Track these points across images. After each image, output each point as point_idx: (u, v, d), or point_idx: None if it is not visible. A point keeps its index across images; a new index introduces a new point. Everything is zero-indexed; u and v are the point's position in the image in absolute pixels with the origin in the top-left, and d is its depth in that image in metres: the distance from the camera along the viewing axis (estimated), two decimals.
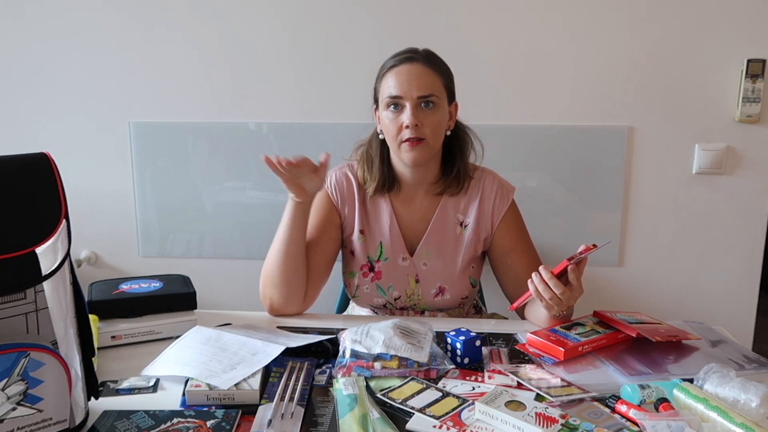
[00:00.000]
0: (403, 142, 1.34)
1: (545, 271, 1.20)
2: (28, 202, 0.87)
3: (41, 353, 0.85)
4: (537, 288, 1.20)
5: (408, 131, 1.33)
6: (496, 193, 1.46)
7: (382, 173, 1.44)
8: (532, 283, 1.21)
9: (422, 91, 1.33)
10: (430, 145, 1.36)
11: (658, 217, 2.08)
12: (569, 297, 1.20)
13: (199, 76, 2.07)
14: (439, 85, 1.36)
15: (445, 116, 1.38)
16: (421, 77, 1.34)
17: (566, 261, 1.19)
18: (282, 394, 1.03)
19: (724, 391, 0.97)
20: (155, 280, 1.35)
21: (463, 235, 1.47)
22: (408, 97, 1.33)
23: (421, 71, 1.34)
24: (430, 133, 1.35)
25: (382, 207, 1.47)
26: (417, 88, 1.33)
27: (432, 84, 1.34)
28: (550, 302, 1.20)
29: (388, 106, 1.35)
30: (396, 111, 1.35)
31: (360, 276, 1.48)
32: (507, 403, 0.95)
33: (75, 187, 1.64)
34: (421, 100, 1.33)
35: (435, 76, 1.35)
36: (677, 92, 1.99)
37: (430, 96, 1.33)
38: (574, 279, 1.19)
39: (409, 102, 1.33)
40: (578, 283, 1.20)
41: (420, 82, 1.33)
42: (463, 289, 1.48)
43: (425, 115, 1.34)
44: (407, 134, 1.33)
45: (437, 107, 1.35)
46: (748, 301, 2.12)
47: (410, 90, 1.33)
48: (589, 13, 1.96)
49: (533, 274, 1.22)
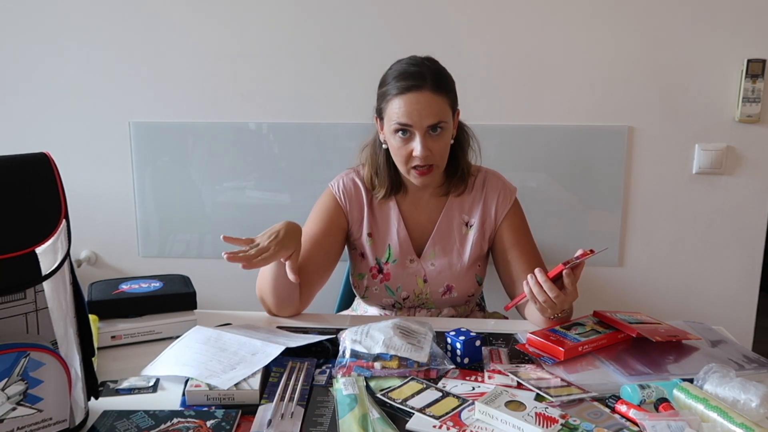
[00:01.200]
0: (412, 168, 1.36)
1: (540, 273, 1.21)
2: (28, 202, 0.87)
3: (41, 353, 0.85)
4: (531, 290, 1.21)
5: (417, 160, 1.34)
6: (499, 192, 1.48)
7: (390, 178, 1.45)
8: (526, 284, 1.22)
9: (432, 120, 1.32)
10: (439, 168, 1.39)
11: (658, 217, 2.08)
12: (563, 301, 1.20)
13: (199, 76, 2.07)
14: (446, 109, 1.35)
15: (450, 134, 1.40)
16: (430, 106, 1.32)
17: (562, 265, 1.19)
18: (282, 394, 1.03)
19: (724, 391, 0.97)
20: (155, 280, 1.35)
21: (469, 235, 1.48)
22: (417, 126, 1.32)
23: (429, 100, 1.32)
24: (439, 157, 1.37)
25: (390, 210, 1.49)
26: (427, 118, 1.32)
27: (440, 111, 1.33)
28: (544, 305, 1.21)
29: (396, 132, 1.35)
30: (404, 137, 1.34)
31: (369, 277, 1.50)
32: (507, 403, 0.95)
33: (75, 187, 1.65)
34: (430, 127, 1.33)
35: (442, 102, 1.34)
36: (677, 92, 1.99)
37: (439, 123, 1.33)
38: (569, 283, 1.20)
39: (419, 131, 1.32)
40: (573, 287, 1.20)
41: (429, 111, 1.32)
42: (470, 287, 1.49)
43: (434, 141, 1.34)
44: (417, 162, 1.34)
45: (445, 130, 1.36)
46: (748, 302, 2.12)
47: (420, 120, 1.32)
48: (589, 13, 1.96)
49: (528, 276, 1.22)
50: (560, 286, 1.20)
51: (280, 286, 1.34)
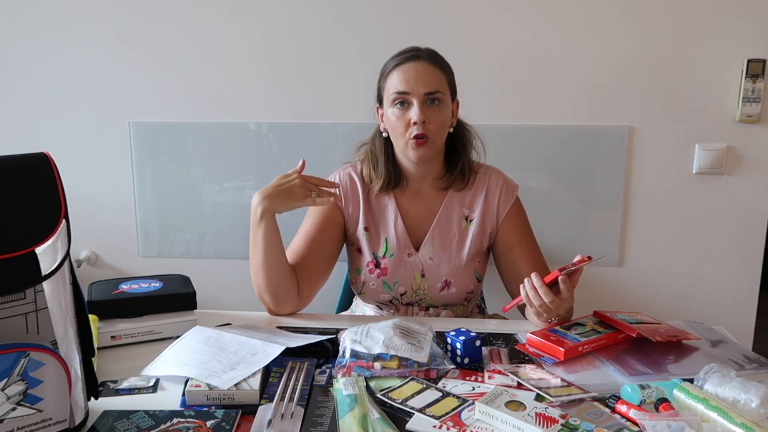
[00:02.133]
0: (411, 139, 1.36)
1: (537, 278, 1.21)
2: (28, 202, 0.87)
3: (41, 353, 0.85)
4: (527, 294, 1.21)
5: (416, 128, 1.35)
6: (501, 189, 1.48)
7: (388, 170, 1.46)
8: (523, 287, 1.23)
9: (429, 88, 1.35)
10: (435, 143, 1.39)
11: (658, 217, 2.08)
12: (558, 306, 1.21)
13: (199, 76, 2.07)
14: (443, 82, 1.38)
15: (449, 113, 1.41)
16: (427, 74, 1.36)
17: (557, 271, 1.20)
18: (282, 394, 1.03)
19: (724, 391, 0.97)
20: (155, 280, 1.35)
21: (469, 229, 1.48)
22: (415, 93, 1.34)
23: (426, 68, 1.36)
24: (435, 130, 1.37)
25: (387, 204, 1.48)
26: (424, 85, 1.35)
27: (437, 81, 1.36)
28: (539, 309, 1.22)
29: (395, 102, 1.37)
30: (403, 108, 1.36)
31: (366, 272, 1.49)
32: (507, 403, 0.95)
33: (75, 187, 1.65)
34: (428, 96, 1.35)
35: (439, 73, 1.38)
36: (677, 92, 1.99)
37: (436, 93, 1.36)
38: (565, 290, 1.20)
39: (416, 98, 1.34)
40: (569, 293, 1.21)
41: (426, 79, 1.35)
42: (469, 283, 1.48)
43: (432, 112, 1.36)
44: (415, 131, 1.35)
45: (443, 104, 1.37)
46: (748, 302, 2.12)
47: (417, 86, 1.34)
48: (589, 13, 1.96)
49: (525, 280, 1.23)
50: (556, 291, 1.21)
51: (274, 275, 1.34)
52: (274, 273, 1.35)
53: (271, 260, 1.34)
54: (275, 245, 1.34)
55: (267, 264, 1.34)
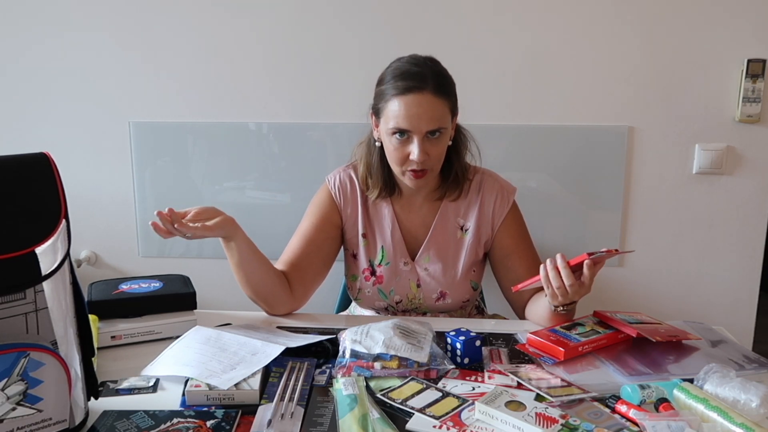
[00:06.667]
0: (408, 171, 1.33)
1: (561, 259, 1.19)
2: (28, 202, 0.87)
3: (41, 353, 0.85)
4: (548, 274, 1.19)
5: (414, 164, 1.31)
6: (496, 196, 1.45)
7: (384, 180, 1.43)
8: (543, 267, 1.20)
9: (431, 126, 1.28)
10: (434, 171, 1.36)
11: (658, 217, 2.08)
12: (576, 292, 1.18)
13: (199, 76, 2.07)
14: (446, 113, 1.31)
15: (449, 137, 1.36)
16: (431, 110, 1.28)
17: (586, 255, 1.17)
18: (282, 394, 1.03)
19: (724, 391, 0.96)
20: (155, 280, 1.35)
21: (464, 240, 1.46)
22: (416, 131, 1.28)
23: (430, 103, 1.28)
24: (436, 161, 1.34)
25: (384, 211, 1.47)
26: (426, 123, 1.28)
27: (441, 116, 1.30)
28: (556, 291, 1.19)
29: (394, 134, 1.31)
30: (402, 139, 1.30)
31: (362, 279, 1.48)
32: (507, 403, 0.95)
33: (75, 187, 1.65)
34: (429, 132, 1.30)
35: (443, 106, 1.30)
36: (677, 92, 1.99)
37: (438, 129, 1.30)
38: (588, 276, 1.18)
39: (417, 136, 1.29)
40: (590, 281, 1.19)
41: (430, 115, 1.28)
42: (465, 293, 1.47)
43: (431, 144, 1.31)
44: (413, 165, 1.31)
45: (443, 135, 1.32)
46: (748, 301, 2.12)
47: (419, 125, 1.28)
48: (589, 13, 1.96)
49: (547, 260, 1.19)
50: (577, 276, 1.19)
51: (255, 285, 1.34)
52: (258, 285, 1.35)
53: (250, 275, 1.33)
54: (251, 262, 1.32)
55: (247, 279, 1.34)
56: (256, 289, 1.35)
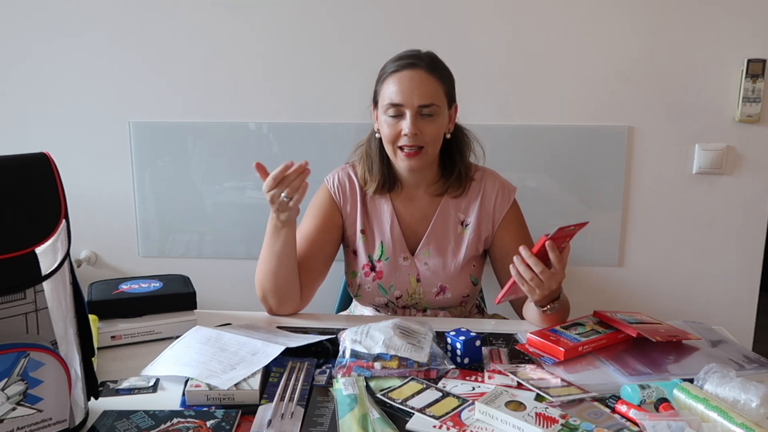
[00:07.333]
0: (401, 149, 1.35)
1: (524, 249, 1.19)
2: (28, 202, 0.87)
3: (41, 353, 0.85)
4: (518, 270, 1.19)
5: (406, 139, 1.33)
6: (497, 193, 1.46)
7: (382, 173, 1.44)
8: (513, 266, 1.20)
9: (423, 100, 1.32)
10: (428, 153, 1.37)
11: (658, 217, 2.08)
12: (549, 278, 1.18)
13: (199, 76, 2.07)
14: (440, 92, 1.35)
15: (444, 122, 1.38)
16: (423, 85, 1.32)
17: (544, 237, 1.17)
18: (282, 394, 1.03)
19: (724, 391, 0.97)
20: (155, 280, 1.35)
21: (464, 234, 1.47)
22: (409, 105, 1.32)
23: (423, 78, 1.33)
24: (429, 140, 1.35)
25: (383, 207, 1.47)
26: (418, 97, 1.31)
27: (434, 92, 1.33)
28: (531, 284, 1.19)
29: (388, 111, 1.34)
30: (395, 117, 1.34)
31: (362, 275, 1.49)
32: (507, 403, 0.95)
33: (75, 187, 1.65)
34: (422, 108, 1.32)
35: (437, 84, 1.34)
36: (677, 92, 1.99)
37: (431, 105, 1.32)
38: (554, 258, 1.17)
39: (410, 110, 1.32)
40: (559, 264, 1.18)
41: (422, 90, 1.32)
42: (464, 288, 1.48)
43: (425, 123, 1.33)
44: (405, 141, 1.33)
45: (437, 115, 1.35)
46: (748, 301, 2.12)
47: (411, 98, 1.31)
48: (589, 13, 1.96)
49: (514, 257, 1.20)
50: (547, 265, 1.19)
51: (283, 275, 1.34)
52: (286, 280, 1.35)
53: (285, 268, 1.34)
54: (291, 254, 1.34)
55: (280, 271, 1.34)
56: (279, 282, 1.35)
